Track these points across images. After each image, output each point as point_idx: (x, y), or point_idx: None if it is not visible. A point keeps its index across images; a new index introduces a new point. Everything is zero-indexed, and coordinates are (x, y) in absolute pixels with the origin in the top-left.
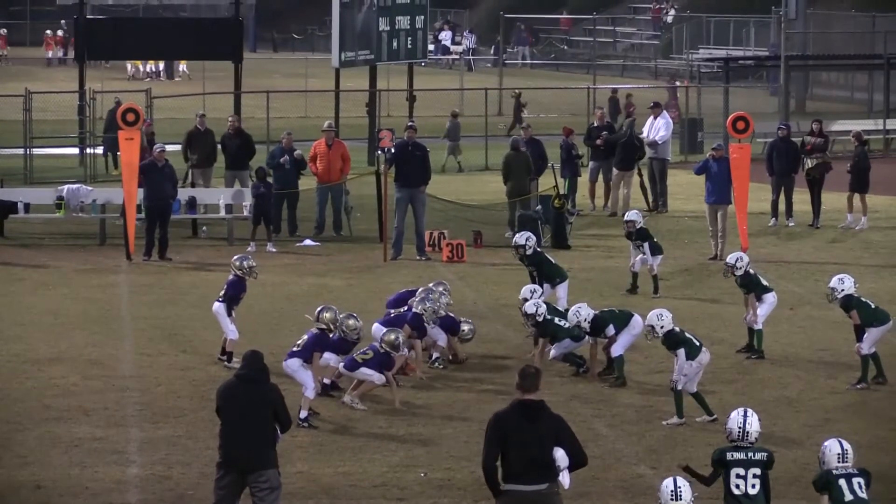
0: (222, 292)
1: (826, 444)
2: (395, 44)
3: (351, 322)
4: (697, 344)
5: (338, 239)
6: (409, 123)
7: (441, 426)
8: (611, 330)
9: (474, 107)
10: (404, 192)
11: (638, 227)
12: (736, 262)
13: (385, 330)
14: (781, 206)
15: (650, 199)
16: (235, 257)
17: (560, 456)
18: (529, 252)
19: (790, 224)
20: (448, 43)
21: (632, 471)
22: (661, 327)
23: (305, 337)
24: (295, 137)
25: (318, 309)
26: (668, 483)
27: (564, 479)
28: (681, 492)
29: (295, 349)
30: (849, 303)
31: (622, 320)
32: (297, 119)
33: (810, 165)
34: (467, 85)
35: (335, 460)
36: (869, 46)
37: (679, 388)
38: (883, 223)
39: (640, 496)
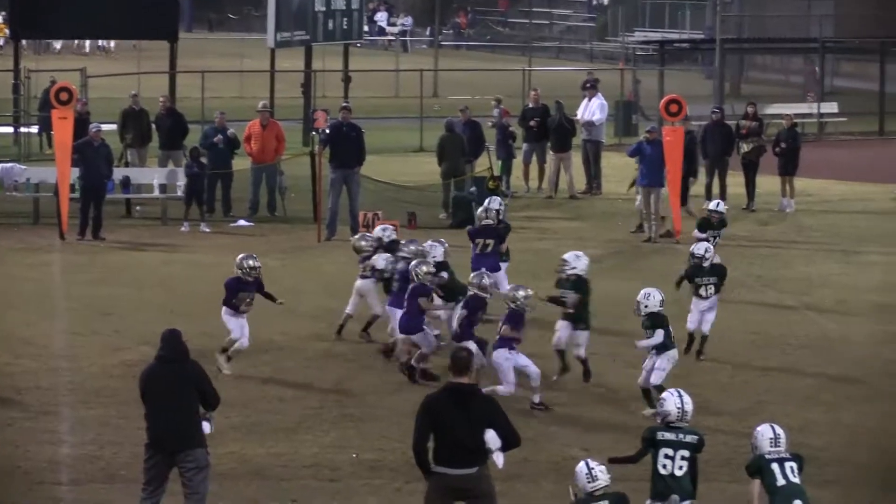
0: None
1: (758, 429)
2: (330, 24)
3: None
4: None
5: (272, 219)
6: (344, 104)
7: (373, 407)
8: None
9: (409, 88)
10: (338, 173)
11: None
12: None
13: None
14: (715, 189)
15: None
16: (239, 256)
17: (490, 437)
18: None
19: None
20: (384, 24)
21: (563, 452)
22: (646, 307)
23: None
24: (230, 118)
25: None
26: (581, 467)
27: (498, 459)
28: (595, 472)
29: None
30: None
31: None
32: (233, 99)
33: (746, 149)
34: (402, 66)
35: (267, 441)
36: (804, 30)
37: (657, 382)
38: (816, 206)
39: (571, 477)
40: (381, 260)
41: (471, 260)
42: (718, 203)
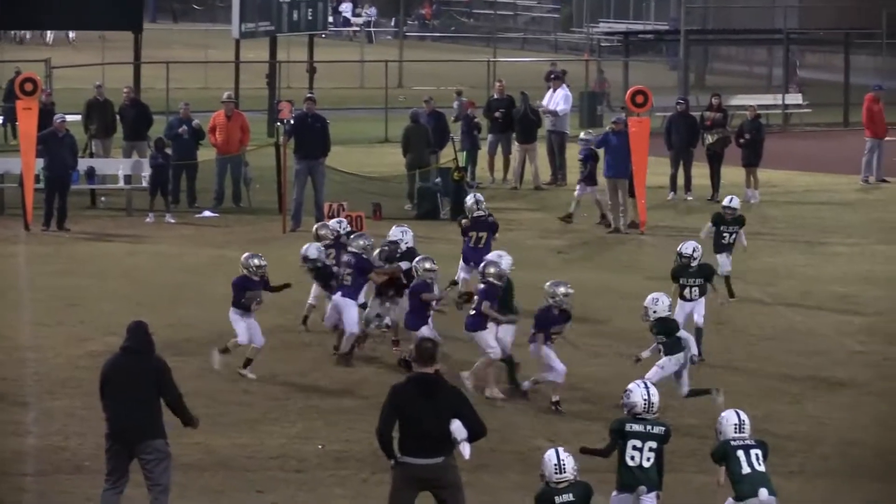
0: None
1: (723, 414)
2: (295, 15)
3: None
4: (683, 345)
5: (237, 210)
6: (309, 95)
7: (339, 398)
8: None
9: (374, 79)
10: (303, 164)
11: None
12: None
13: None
14: (680, 181)
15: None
16: (244, 255)
17: (456, 428)
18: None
19: (689, 198)
20: (348, 15)
21: (529, 443)
22: (654, 312)
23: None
24: (195, 108)
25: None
26: (550, 455)
27: (465, 450)
28: (564, 464)
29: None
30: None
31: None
32: (198, 90)
33: (711, 140)
34: (367, 57)
35: (232, 432)
36: (769, 21)
37: (652, 378)
38: (781, 198)
39: (537, 468)
40: (312, 249)
41: (462, 253)
42: (732, 199)
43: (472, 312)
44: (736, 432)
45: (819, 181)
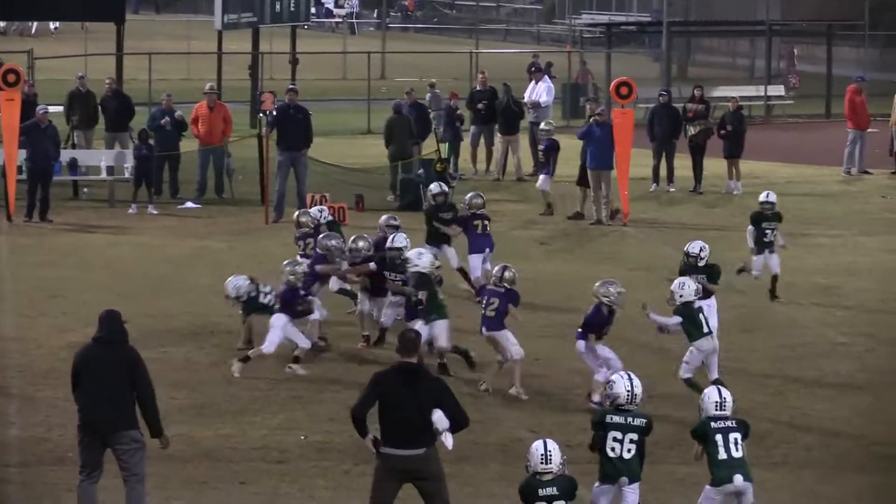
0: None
1: (706, 391)
2: (278, 6)
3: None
4: (706, 331)
5: (219, 201)
6: (291, 86)
7: (321, 389)
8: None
9: (357, 70)
10: (286, 155)
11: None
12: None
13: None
14: (663, 172)
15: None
16: (285, 262)
17: (437, 418)
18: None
19: (671, 189)
20: (331, 6)
21: (512, 434)
22: (681, 296)
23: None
24: (177, 100)
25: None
26: (538, 446)
27: (447, 440)
28: (550, 455)
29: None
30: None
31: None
32: (180, 81)
33: (693, 132)
34: (350, 48)
35: (215, 423)
36: (751, 12)
37: (684, 376)
38: (762, 189)
39: (519, 460)
40: (229, 287)
41: (469, 242)
42: (768, 194)
43: (492, 314)
44: (717, 410)
45: (801, 173)
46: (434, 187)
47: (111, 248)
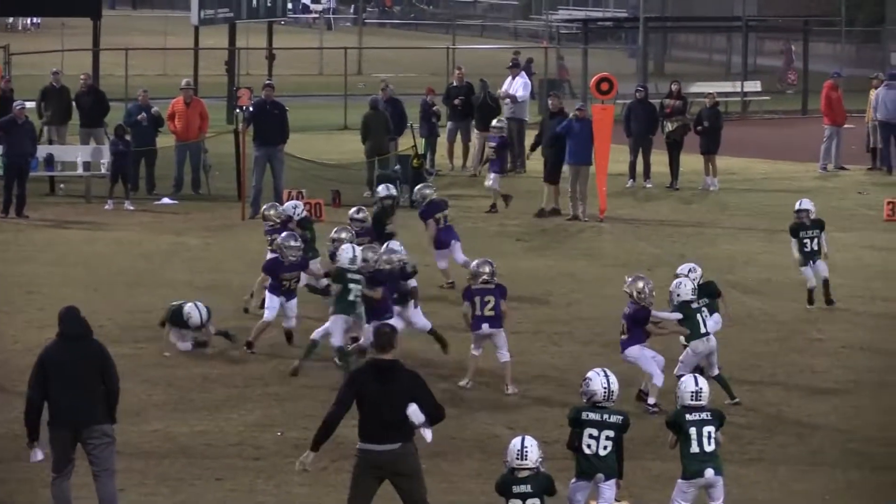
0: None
1: (682, 379)
2: (254, 2)
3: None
4: (702, 331)
5: (196, 197)
6: (268, 82)
7: (297, 386)
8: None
9: (334, 66)
10: (262, 151)
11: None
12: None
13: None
14: (639, 168)
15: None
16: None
17: (412, 411)
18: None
19: (648, 185)
20: (307, 2)
21: (488, 430)
22: (678, 295)
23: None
24: (154, 95)
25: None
26: (515, 442)
27: (426, 434)
28: (527, 451)
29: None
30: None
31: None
32: (157, 77)
33: (671, 128)
34: (327, 44)
35: (191, 419)
36: (728, 8)
37: (680, 373)
38: (739, 185)
39: (496, 456)
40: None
41: (435, 237)
42: (802, 201)
43: (492, 313)
44: (692, 400)
45: (777, 169)
46: (381, 189)
47: (88, 244)
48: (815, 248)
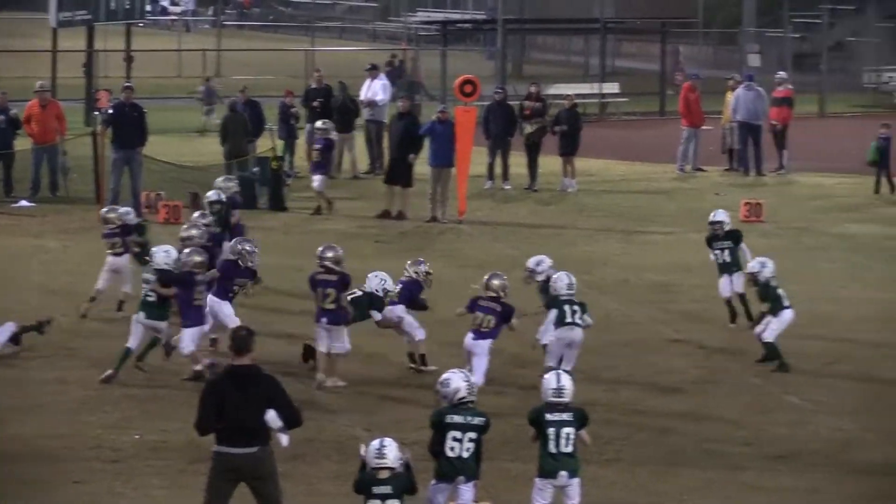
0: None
1: (545, 376)
2: (112, 4)
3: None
4: (569, 321)
5: (54, 200)
6: (126, 84)
7: (155, 388)
8: None
9: (192, 68)
10: (121, 153)
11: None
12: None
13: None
14: (498, 170)
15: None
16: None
17: (270, 417)
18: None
19: (506, 187)
20: (166, 4)
21: (346, 432)
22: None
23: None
24: (12, 97)
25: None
26: (374, 442)
27: (283, 438)
28: (384, 451)
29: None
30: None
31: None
32: (15, 79)
33: (530, 130)
34: (185, 46)
35: (48, 422)
36: (585, 10)
37: (543, 341)
38: (598, 186)
39: (354, 457)
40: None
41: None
42: (716, 213)
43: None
44: (554, 397)
45: (636, 170)
46: (212, 194)
47: None
48: (729, 259)
